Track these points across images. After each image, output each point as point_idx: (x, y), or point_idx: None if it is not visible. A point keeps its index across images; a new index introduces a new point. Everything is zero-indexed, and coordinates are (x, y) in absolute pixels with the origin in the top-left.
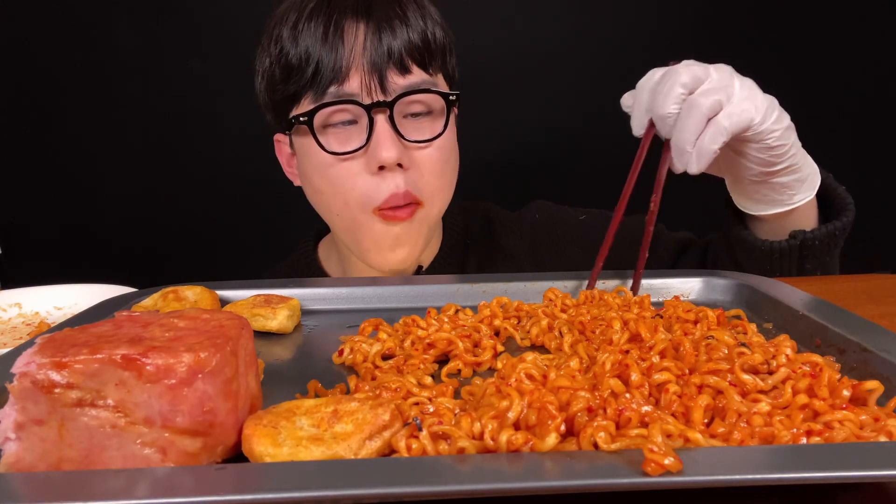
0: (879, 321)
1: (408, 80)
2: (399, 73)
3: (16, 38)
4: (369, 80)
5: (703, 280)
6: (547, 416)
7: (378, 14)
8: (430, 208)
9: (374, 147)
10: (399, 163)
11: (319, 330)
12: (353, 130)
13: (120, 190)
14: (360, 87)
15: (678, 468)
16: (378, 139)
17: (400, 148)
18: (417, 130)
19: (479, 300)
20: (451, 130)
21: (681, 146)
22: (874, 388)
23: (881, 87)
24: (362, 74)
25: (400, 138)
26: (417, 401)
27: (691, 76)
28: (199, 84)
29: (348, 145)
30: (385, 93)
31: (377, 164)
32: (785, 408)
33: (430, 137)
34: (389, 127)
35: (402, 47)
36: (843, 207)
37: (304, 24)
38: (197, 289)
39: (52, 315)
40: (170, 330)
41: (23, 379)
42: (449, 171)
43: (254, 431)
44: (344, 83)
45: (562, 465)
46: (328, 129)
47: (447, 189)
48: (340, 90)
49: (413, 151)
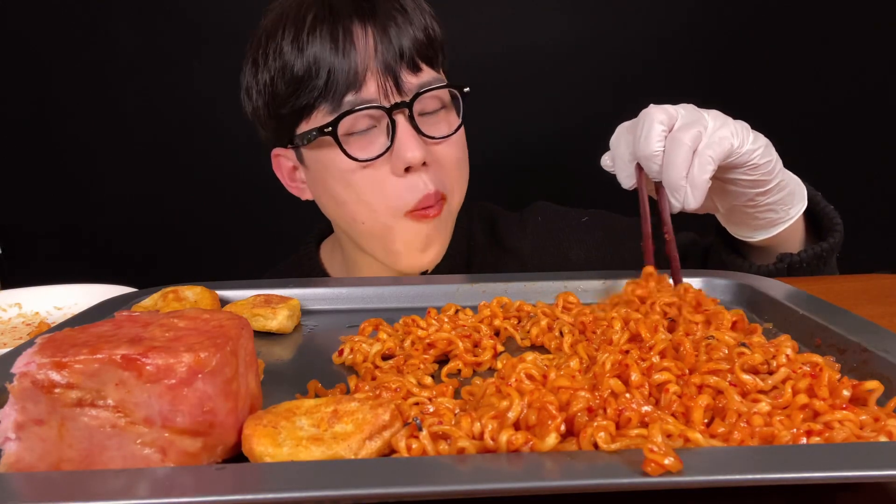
0: (879, 321)
1: (420, 79)
2: (412, 73)
3: (17, 37)
4: (385, 83)
5: (703, 280)
6: (547, 416)
7: (382, 14)
8: (451, 201)
9: (399, 149)
10: (424, 161)
11: (319, 330)
12: (373, 136)
13: (120, 190)
14: (378, 91)
15: (678, 468)
16: (402, 140)
17: (423, 147)
18: (435, 127)
19: (479, 300)
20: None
21: (674, 183)
22: (874, 388)
23: (881, 86)
24: (378, 78)
25: (421, 137)
26: (417, 401)
27: (665, 114)
28: (200, 85)
29: (372, 151)
30: (402, 93)
31: (404, 165)
32: (785, 408)
33: (448, 133)
34: (411, 127)
35: (411, 45)
36: (831, 227)
37: (307, 34)
38: (197, 289)
39: (52, 315)
40: (170, 330)
41: (23, 379)
42: (466, 163)
43: (254, 431)
44: (361, 89)
45: (562, 465)
46: (350, 138)
47: (465, 181)
48: (358, 97)
49: (433, 147)
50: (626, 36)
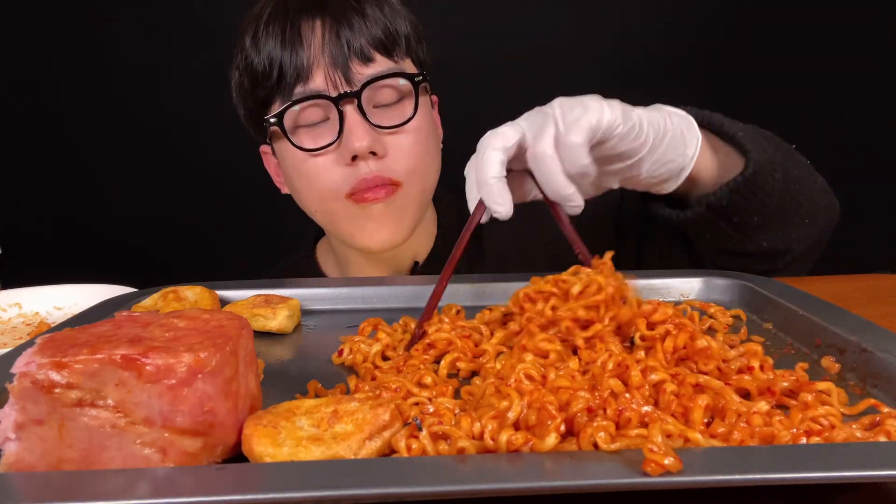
0: (879, 321)
1: (372, 69)
2: (362, 64)
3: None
4: (333, 74)
5: (703, 280)
6: (547, 417)
7: (333, 9)
8: (409, 188)
9: (346, 138)
10: (373, 151)
11: (319, 330)
12: (325, 128)
13: (121, 190)
14: (326, 82)
15: (678, 468)
16: (349, 130)
17: (373, 136)
18: (388, 118)
19: (479, 301)
20: (425, 113)
21: (562, 194)
22: (824, 389)
23: (881, 86)
24: (325, 69)
25: (371, 127)
26: (417, 401)
27: (500, 137)
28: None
29: (321, 142)
30: (350, 84)
31: (350, 154)
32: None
33: (400, 122)
34: (360, 116)
35: (363, 39)
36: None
37: (262, 30)
38: (197, 289)
39: (52, 315)
40: (170, 330)
41: (23, 379)
42: (427, 154)
43: (254, 431)
44: (309, 81)
45: (562, 465)
46: (300, 130)
47: (426, 170)
48: (306, 88)
49: (386, 138)
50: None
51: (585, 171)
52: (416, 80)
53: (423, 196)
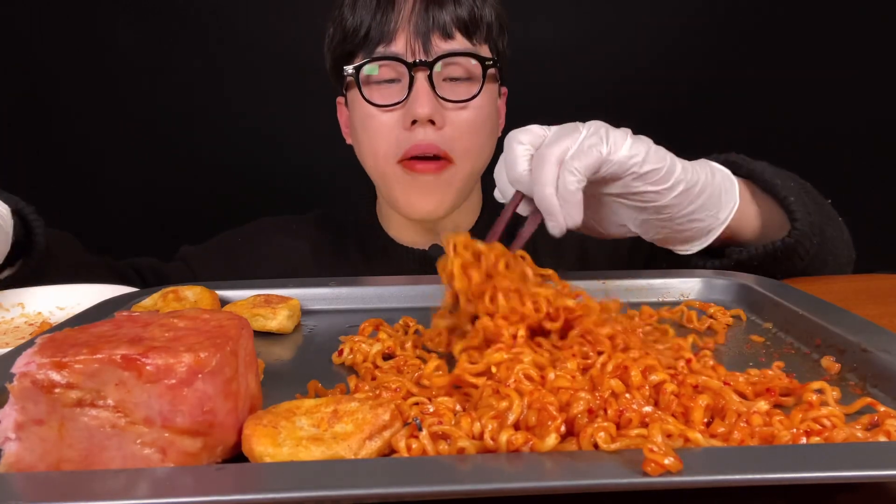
0: (879, 321)
1: (450, 45)
2: (442, 39)
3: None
4: (414, 42)
5: (702, 280)
6: (547, 417)
7: None
8: (461, 166)
9: (411, 102)
10: (432, 119)
11: (319, 330)
12: (396, 88)
13: (121, 191)
14: (406, 48)
15: (678, 468)
16: (415, 95)
17: (435, 105)
18: (454, 93)
19: None
20: (489, 97)
21: (545, 200)
22: (819, 387)
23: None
24: (408, 36)
25: (436, 97)
26: (417, 401)
27: (529, 134)
28: (201, 85)
29: (389, 100)
30: (427, 54)
31: (411, 118)
32: None
33: (464, 99)
34: (428, 85)
35: (448, 17)
36: (793, 227)
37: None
38: (197, 289)
39: (55, 315)
40: (170, 330)
41: (23, 379)
42: (483, 135)
43: (254, 431)
44: (391, 44)
45: (562, 465)
46: (373, 85)
47: (479, 151)
48: (387, 49)
49: (449, 112)
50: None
51: (572, 198)
52: (486, 63)
53: (471, 176)
